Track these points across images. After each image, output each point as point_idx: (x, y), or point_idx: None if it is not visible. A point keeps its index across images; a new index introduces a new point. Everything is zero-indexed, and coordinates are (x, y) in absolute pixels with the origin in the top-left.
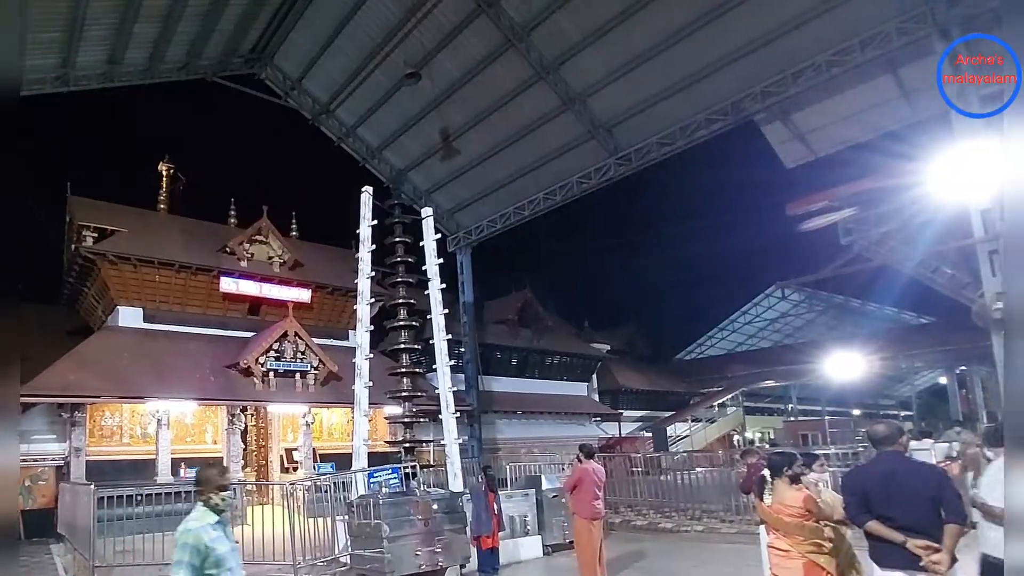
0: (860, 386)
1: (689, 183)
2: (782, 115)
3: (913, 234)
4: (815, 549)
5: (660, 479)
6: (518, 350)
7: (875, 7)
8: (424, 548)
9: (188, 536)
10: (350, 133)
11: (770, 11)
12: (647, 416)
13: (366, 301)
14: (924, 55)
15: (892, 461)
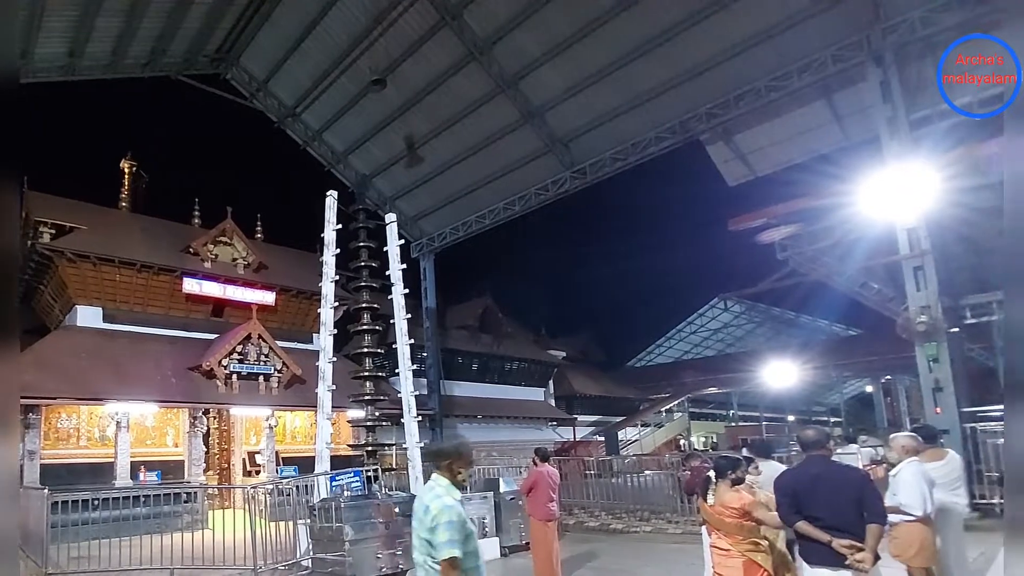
0: (795, 393)
1: (641, 198)
2: (725, 136)
3: (844, 251)
4: (753, 548)
5: (612, 482)
6: (478, 355)
7: (813, 35)
8: (385, 551)
9: (452, 513)
10: (316, 137)
11: (716, 36)
12: (600, 421)
13: (330, 305)
14: (856, 82)
15: (820, 464)
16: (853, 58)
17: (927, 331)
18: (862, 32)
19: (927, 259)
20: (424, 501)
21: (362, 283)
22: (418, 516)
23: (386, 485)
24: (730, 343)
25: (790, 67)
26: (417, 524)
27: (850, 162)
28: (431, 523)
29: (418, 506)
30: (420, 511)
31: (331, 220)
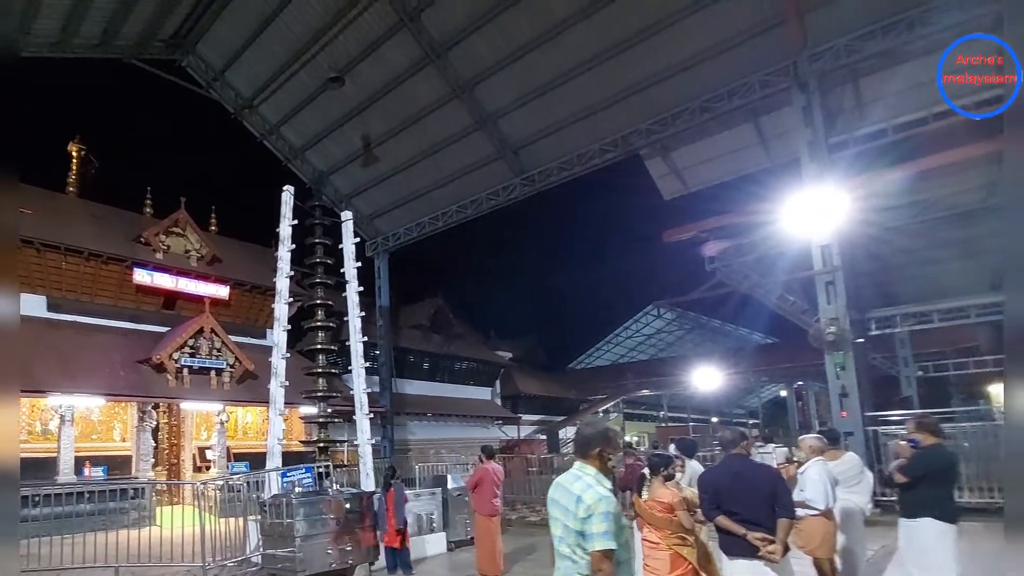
0: (718, 396)
1: (585, 208)
2: (663, 152)
3: (766, 265)
4: (680, 542)
5: (553, 478)
6: (430, 355)
7: (745, 60)
8: (336, 547)
9: (608, 503)
10: (273, 131)
11: (657, 56)
12: (543, 420)
13: (284, 300)
14: (781, 107)
15: (738, 463)
16: (780, 83)
17: (836, 341)
18: (789, 59)
19: (837, 275)
20: (573, 491)
21: (317, 280)
22: (560, 506)
23: (337, 481)
24: (662, 348)
25: (722, 90)
26: (562, 514)
27: (774, 182)
28: (584, 513)
29: (561, 496)
30: (567, 501)
31: (287, 215)
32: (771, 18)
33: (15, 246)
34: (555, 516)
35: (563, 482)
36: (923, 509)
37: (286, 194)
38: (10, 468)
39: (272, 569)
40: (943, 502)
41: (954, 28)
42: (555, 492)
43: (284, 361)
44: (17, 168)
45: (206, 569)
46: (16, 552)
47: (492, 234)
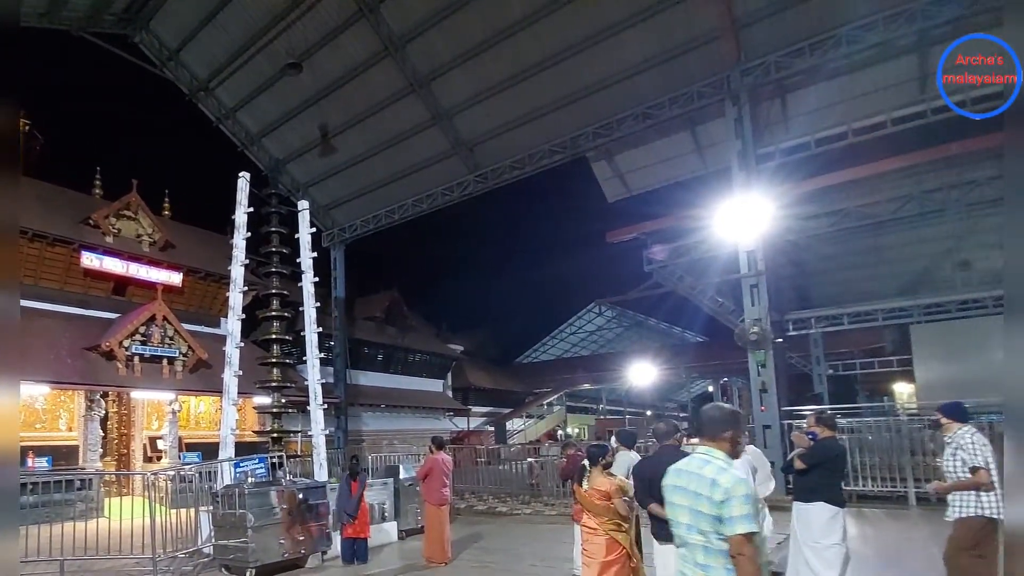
0: (652, 390)
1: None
2: (607, 155)
3: (697, 267)
4: (616, 528)
5: (499, 468)
6: (384, 346)
7: (685, 71)
8: (288, 537)
9: (746, 486)
10: (229, 115)
11: (605, 61)
12: (491, 412)
13: (239, 289)
14: (715, 117)
15: (671, 453)
16: (714, 95)
17: (758, 340)
18: (724, 72)
19: (761, 279)
20: (704, 475)
21: (272, 269)
22: (688, 492)
23: (291, 472)
24: (603, 344)
25: (662, 98)
26: (690, 500)
27: (708, 188)
28: (722, 497)
29: (687, 481)
30: (697, 486)
31: (242, 202)
32: (708, 32)
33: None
34: (678, 503)
35: (688, 467)
36: (815, 494)
37: (242, 181)
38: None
39: (224, 560)
40: (833, 488)
41: (877, 47)
42: (677, 478)
43: (238, 350)
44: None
45: (156, 561)
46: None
47: (446, 229)
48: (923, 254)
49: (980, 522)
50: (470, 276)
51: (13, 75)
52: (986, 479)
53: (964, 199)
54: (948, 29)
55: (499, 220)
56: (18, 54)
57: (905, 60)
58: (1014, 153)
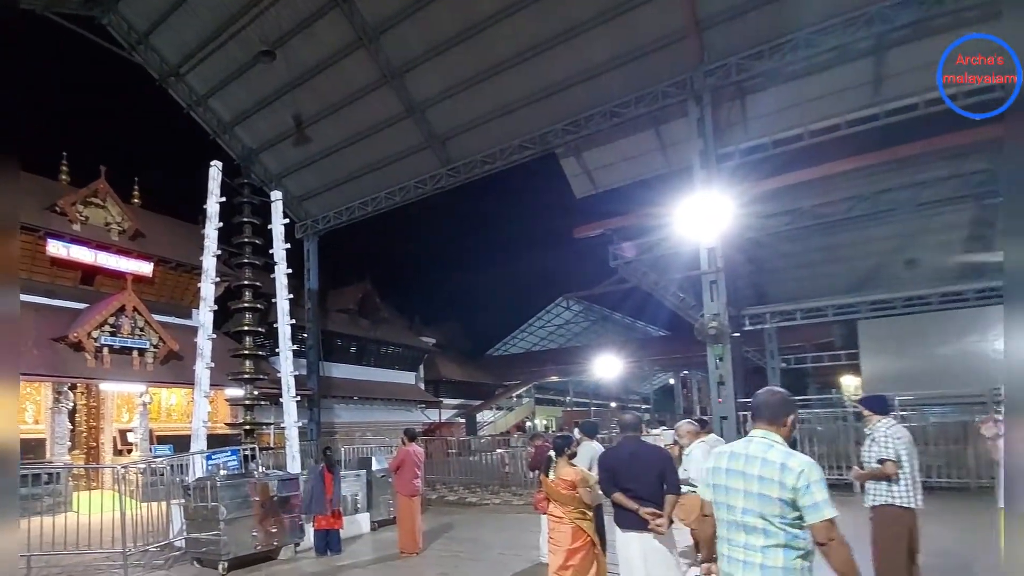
0: (617, 383)
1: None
2: (576, 152)
3: (660, 263)
4: (580, 516)
5: (470, 459)
6: (357, 339)
7: (651, 70)
8: (261, 529)
9: (819, 470)
10: (201, 102)
11: (575, 58)
12: (462, 404)
13: (211, 280)
14: (678, 117)
15: (634, 444)
16: (679, 95)
17: (716, 335)
18: (688, 72)
19: (720, 275)
20: (770, 458)
21: (245, 260)
22: (748, 476)
23: (263, 464)
24: (570, 338)
25: (629, 96)
26: (756, 484)
27: (672, 186)
28: (800, 482)
29: (747, 465)
30: (762, 470)
31: (214, 192)
32: (673, 33)
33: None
34: (733, 487)
35: (748, 451)
36: None
37: (214, 169)
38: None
39: (196, 553)
40: None
41: (834, 50)
42: (733, 462)
43: (210, 342)
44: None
45: (126, 555)
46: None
47: (419, 222)
48: (873, 252)
49: (893, 511)
50: (442, 269)
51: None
52: (892, 471)
53: (913, 199)
54: (906, 32)
55: (471, 214)
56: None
57: (860, 64)
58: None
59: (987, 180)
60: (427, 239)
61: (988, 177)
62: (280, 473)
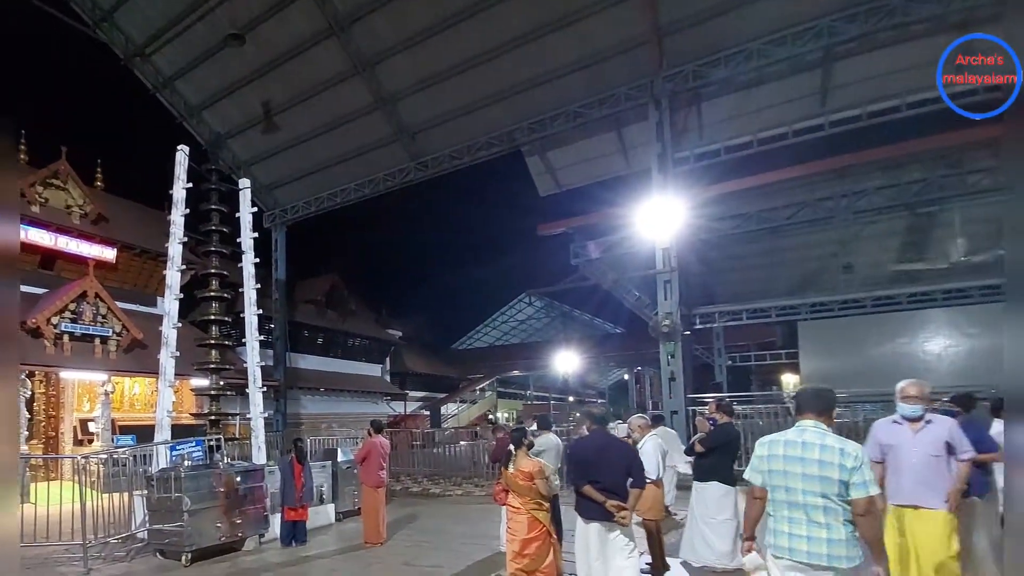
0: (575, 378)
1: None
2: (541, 151)
3: (618, 262)
4: (537, 507)
5: (433, 451)
6: (324, 330)
7: (614, 73)
8: (225, 520)
9: (867, 453)
10: (167, 84)
11: (540, 59)
12: (427, 396)
13: (177, 267)
14: (639, 120)
15: (603, 437)
16: (639, 98)
17: (669, 332)
18: (648, 77)
19: (674, 275)
20: (829, 444)
21: (212, 248)
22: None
23: (228, 454)
24: (532, 333)
25: (593, 98)
26: (815, 467)
27: (630, 188)
28: (856, 463)
29: (806, 452)
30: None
31: (181, 177)
32: (635, 38)
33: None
34: (792, 471)
35: (803, 439)
36: (711, 474)
37: (181, 154)
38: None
39: (159, 544)
40: (727, 469)
41: (784, 61)
42: (789, 449)
43: (175, 331)
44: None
45: (87, 547)
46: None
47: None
48: (812, 257)
49: None
50: (410, 263)
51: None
52: None
53: (851, 207)
54: (852, 46)
55: (439, 209)
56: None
57: (809, 75)
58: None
59: (922, 190)
60: (395, 232)
61: (923, 187)
62: (245, 464)
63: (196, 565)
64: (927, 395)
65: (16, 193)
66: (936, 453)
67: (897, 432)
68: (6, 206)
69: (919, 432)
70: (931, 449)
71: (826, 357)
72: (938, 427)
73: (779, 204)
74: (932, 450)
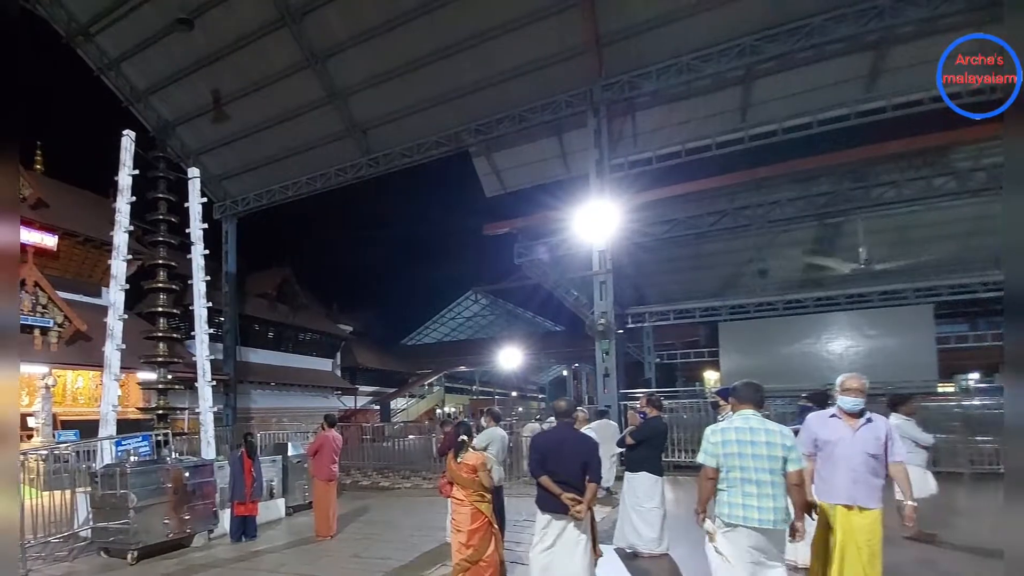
0: (518, 373)
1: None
2: (487, 152)
3: (558, 263)
4: (480, 499)
5: (383, 445)
6: (275, 324)
7: (557, 79)
8: (174, 516)
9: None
10: (112, 66)
11: (487, 62)
12: (377, 391)
13: (122, 257)
14: (579, 126)
15: (565, 431)
16: (579, 106)
17: (604, 331)
18: (588, 86)
19: (609, 276)
20: (772, 428)
21: (160, 238)
22: (761, 443)
23: (176, 449)
24: (478, 330)
25: (537, 103)
26: (767, 448)
27: (570, 192)
28: (791, 443)
29: (758, 435)
30: (771, 438)
31: (127, 163)
32: (576, 46)
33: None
34: (744, 452)
35: (750, 425)
36: (641, 465)
37: (126, 139)
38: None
39: (103, 543)
40: (655, 460)
41: (711, 76)
42: (740, 435)
43: (121, 323)
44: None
45: (25, 547)
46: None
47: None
48: (732, 262)
49: None
50: (361, 259)
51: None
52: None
53: (767, 216)
54: (770, 65)
55: (390, 206)
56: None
57: (731, 91)
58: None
59: (829, 202)
60: (347, 228)
61: (830, 199)
62: (194, 459)
63: (142, 563)
64: (867, 389)
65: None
66: (875, 452)
67: (835, 428)
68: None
69: (859, 430)
70: (870, 448)
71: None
72: (875, 426)
73: (704, 211)
74: (871, 449)
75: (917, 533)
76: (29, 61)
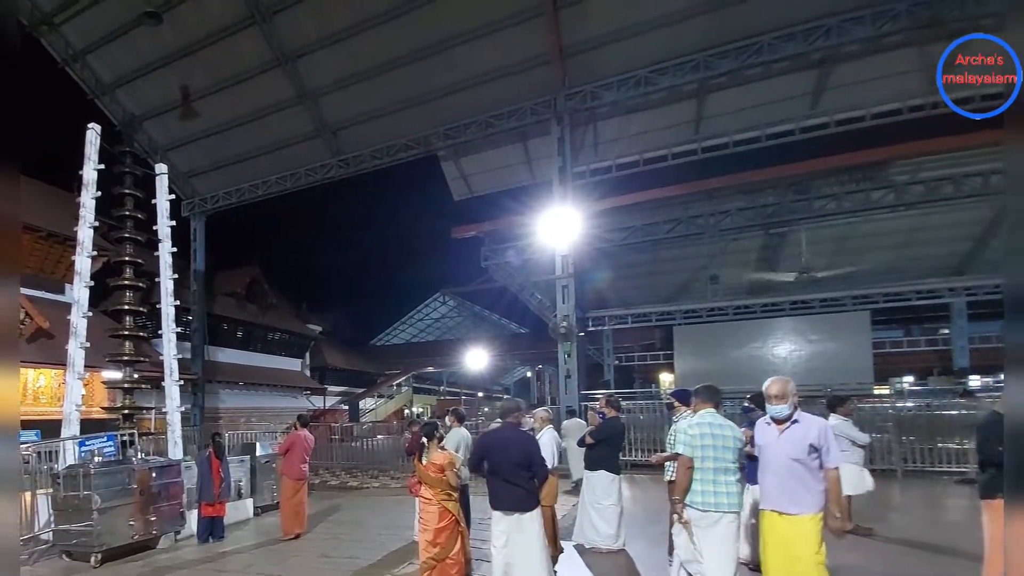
0: (484, 374)
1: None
2: (456, 156)
3: (523, 267)
4: (447, 498)
5: (352, 445)
6: (244, 323)
7: (522, 87)
8: (139, 518)
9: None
10: (78, 58)
11: (455, 68)
12: (346, 391)
13: (87, 253)
14: (543, 134)
15: (509, 430)
16: (544, 113)
17: (566, 334)
18: (552, 94)
19: (571, 280)
20: (725, 423)
21: (126, 235)
22: (721, 436)
23: (143, 450)
24: (445, 331)
25: (504, 109)
26: (724, 440)
27: (535, 198)
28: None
29: (719, 430)
30: (730, 432)
31: (92, 157)
32: (541, 55)
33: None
34: (713, 445)
35: (714, 421)
36: (599, 464)
37: (92, 133)
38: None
39: (65, 546)
40: (612, 459)
41: (667, 89)
42: (715, 430)
43: (85, 320)
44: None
45: None
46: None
47: (310, 210)
48: (686, 268)
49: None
50: (331, 259)
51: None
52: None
53: (718, 225)
54: (722, 80)
55: (360, 207)
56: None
57: (686, 104)
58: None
59: (774, 212)
60: (317, 229)
61: (776, 210)
62: (160, 459)
63: (107, 566)
64: (789, 392)
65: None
66: (796, 456)
67: (765, 432)
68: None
69: (783, 433)
70: (791, 452)
71: (697, 358)
72: (803, 428)
73: (660, 219)
74: (793, 453)
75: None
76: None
